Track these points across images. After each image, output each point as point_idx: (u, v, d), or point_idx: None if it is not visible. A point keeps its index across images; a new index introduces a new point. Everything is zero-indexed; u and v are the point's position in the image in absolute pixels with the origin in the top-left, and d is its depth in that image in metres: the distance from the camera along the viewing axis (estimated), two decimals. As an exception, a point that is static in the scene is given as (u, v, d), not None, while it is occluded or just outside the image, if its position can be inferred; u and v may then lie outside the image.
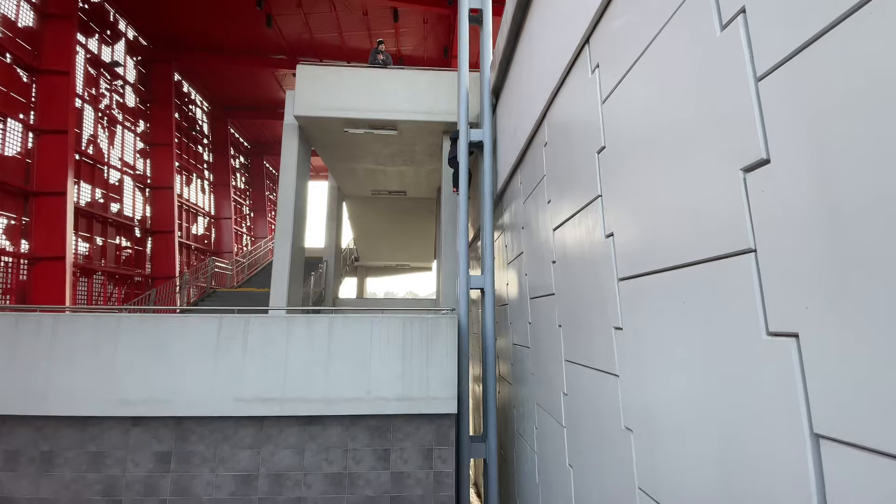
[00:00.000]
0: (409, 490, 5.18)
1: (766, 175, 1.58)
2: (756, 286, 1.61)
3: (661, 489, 2.30)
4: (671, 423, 2.20)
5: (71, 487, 4.96)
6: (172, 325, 5.22)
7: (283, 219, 8.75)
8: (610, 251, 2.90)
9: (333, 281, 13.84)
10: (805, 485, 1.40)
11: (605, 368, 3.03)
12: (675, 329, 2.15)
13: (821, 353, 1.36)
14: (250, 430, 5.14)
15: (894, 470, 1.14)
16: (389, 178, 12.07)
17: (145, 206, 18.39)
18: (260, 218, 28.90)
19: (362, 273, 23.21)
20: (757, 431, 1.62)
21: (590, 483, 3.39)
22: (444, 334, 5.44)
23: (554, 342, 4.28)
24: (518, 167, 6.08)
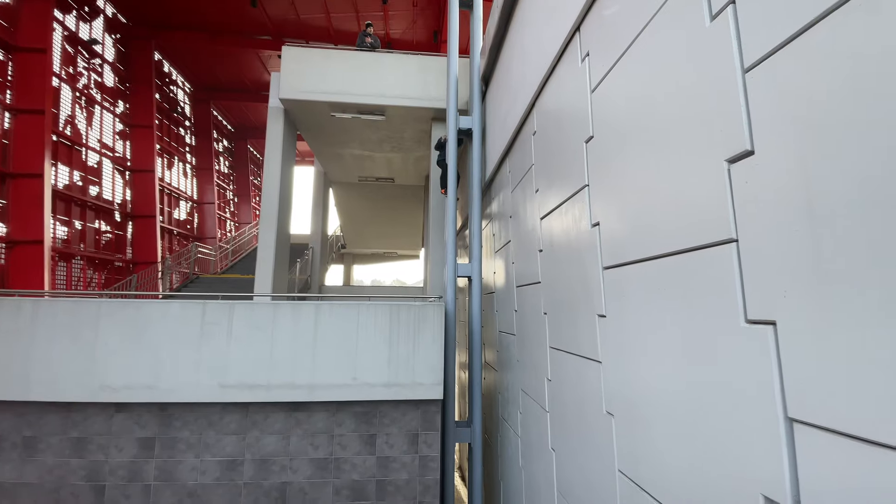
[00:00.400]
0: (395, 474, 5.24)
1: (749, 166, 1.61)
2: (736, 275, 1.65)
3: (640, 471, 2.37)
4: (651, 408, 2.26)
5: (54, 472, 4.90)
6: (154, 310, 5.13)
7: (267, 204, 8.61)
8: (596, 240, 2.93)
9: (320, 268, 13.74)
10: (778, 467, 1.46)
11: (588, 355, 3.09)
12: (657, 317, 2.20)
13: (797, 339, 1.41)
14: (235, 415, 5.13)
15: (865, 453, 1.20)
16: (377, 164, 11.95)
17: (125, 190, 17.90)
18: (244, 203, 28.40)
19: (349, 260, 23.07)
20: (733, 416, 1.68)
21: (571, 466, 3.47)
22: (431, 321, 5.47)
23: (539, 329, 4.34)
24: (507, 156, 6.07)
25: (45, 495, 4.84)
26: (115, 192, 17.18)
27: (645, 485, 2.32)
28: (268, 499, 5.05)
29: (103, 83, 16.94)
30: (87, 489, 4.88)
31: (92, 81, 16.32)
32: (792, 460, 1.43)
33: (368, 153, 11.08)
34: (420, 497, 5.23)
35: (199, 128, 23.97)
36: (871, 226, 1.18)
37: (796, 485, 1.42)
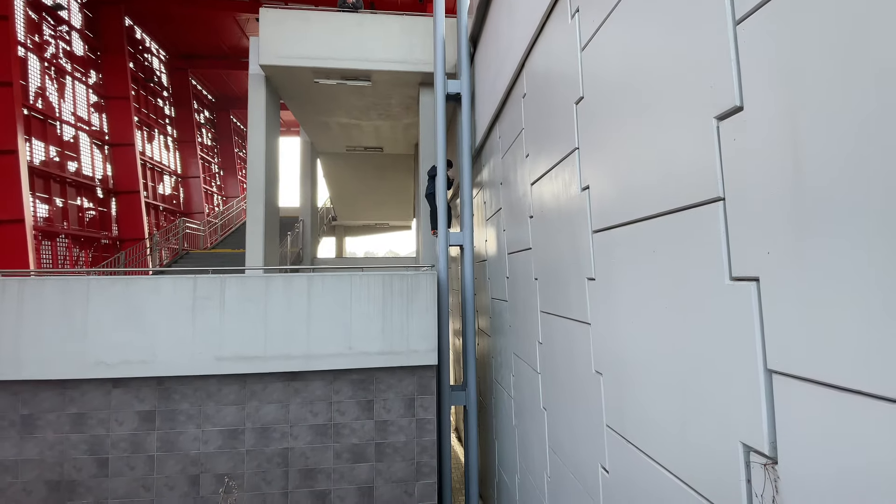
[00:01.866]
0: (393, 437, 5.42)
1: (738, 123, 1.59)
2: (723, 233, 1.66)
3: (627, 425, 2.47)
4: (638, 365, 2.33)
5: (56, 448, 4.99)
6: (145, 286, 5.10)
7: (254, 177, 8.43)
8: (585, 204, 2.93)
9: (311, 241, 13.65)
10: (757, 416, 1.53)
11: (577, 317, 3.15)
12: (645, 277, 2.23)
13: (778, 295, 1.44)
14: (233, 387, 5.21)
15: (839, 400, 1.25)
16: (365, 133, 11.67)
17: (105, 165, 17.38)
18: (230, 176, 27.78)
19: (340, 232, 22.93)
20: (715, 370, 1.73)
21: (562, 423, 3.61)
22: (424, 290, 5.51)
23: (530, 295, 4.40)
24: (497, 120, 5.95)
25: (48, 469, 4.94)
26: (94, 168, 16.67)
27: (631, 437, 2.42)
28: (270, 464, 5.22)
29: (73, 52, 16.09)
30: (91, 462, 4.99)
31: (60, 50, 15.50)
32: (770, 409, 1.49)
33: (355, 121, 10.80)
34: (418, 457, 5.43)
35: (178, 98, 23.08)
36: (857, 182, 1.18)
37: (773, 431, 1.49)
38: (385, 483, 5.36)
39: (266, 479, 5.20)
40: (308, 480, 5.26)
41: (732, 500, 1.66)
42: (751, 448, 1.58)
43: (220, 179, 27.37)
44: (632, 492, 2.44)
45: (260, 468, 5.20)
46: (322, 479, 5.29)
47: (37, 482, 4.92)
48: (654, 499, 2.20)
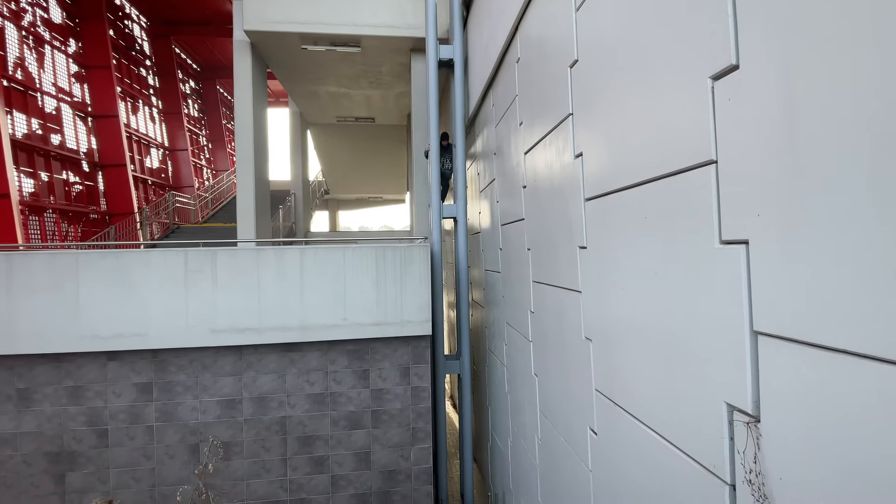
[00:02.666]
0: (389, 404, 5.53)
1: (733, 82, 1.55)
2: (714, 196, 1.65)
3: (615, 389, 2.52)
4: (627, 330, 2.36)
5: (53, 420, 5.05)
6: (135, 260, 5.05)
7: (242, 149, 8.23)
8: (578, 172, 2.89)
9: (303, 214, 13.51)
10: (742, 376, 1.55)
11: (569, 286, 3.16)
12: (636, 245, 2.23)
13: (767, 257, 1.44)
14: (229, 358, 5.25)
15: (820, 358, 1.27)
16: (355, 102, 11.37)
17: (90, 138, 16.90)
18: (219, 149, 27.17)
19: (333, 206, 22.70)
20: (702, 333, 1.75)
21: (552, 388, 3.69)
22: (418, 262, 5.50)
23: (523, 265, 4.41)
24: (490, 88, 5.81)
25: (47, 442, 5.02)
26: (79, 141, 16.21)
27: (619, 400, 2.47)
28: (269, 432, 5.33)
29: (50, 20, 15.36)
30: (90, 433, 5.06)
31: (38, 18, 14.77)
32: (755, 370, 1.52)
33: (345, 90, 10.50)
34: (413, 423, 5.57)
35: (162, 67, 22.26)
36: (851, 145, 1.16)
37: (757, 391, 1.52)
38: (381, 448, 5.51)
39: (265, 446, 5.32)
40: (306, 447, 5.40)
41: (715, 457, 1.72)
42: (735, 408, 1.61)
43: (208, 152, 26.78)
44: (619, 452, 2.52)
45: (259, 436, 5.31)
46: (320, 445, 5.42)
47: (36, 454, 5.00)
48: (640, 458, 2.27)
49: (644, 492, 2.26)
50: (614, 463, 2.58)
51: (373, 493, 5.49)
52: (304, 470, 5.39)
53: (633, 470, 2.37)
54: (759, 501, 1.50)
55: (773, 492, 1.45)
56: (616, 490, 2.58)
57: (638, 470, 2.31)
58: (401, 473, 5.54)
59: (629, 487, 2.42)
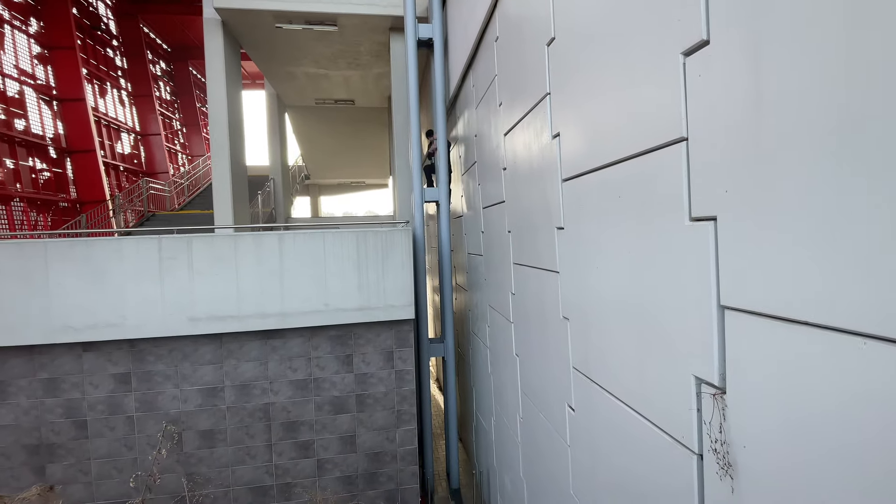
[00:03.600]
0: (373, 388, 5.56)
1: (704, 58, 1.55)
2: (684, 174, 1.66)
3: (591, 366, 2.57)
4: (602, 308, 2.39)
5: (31, 413, 4.94)
6: (107, 248, 4.89)
7: (217, 132, 7.98)
8: (556, 152, 2.89)
9: (284, 200, 13.26)
10: (710, 350, 1.60)
11: (547, 267, 3.19)
12: (611, 223, 2.24)
13: (733, 233, 1.46)
14: (209, 347, 5.18)
15: (784, 330, 1.30)
16: (334, 84, 11.09)
17: (56, 123, 16.18)
18: (194, 133, 26.32)
19: (315, 192, 22.35)
20: (673, 309, 1.79)
21: (533, 368, 3.75)
22: (399, 246, 5.47)
23: (504, 248, 4.43)
24: (470, 68, 5.72)
25: (24, 434, 4.91)
26: (44, 126, 15.50)
27: (594, 377, 2.53)
28: (252, 419, 5.31)
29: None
30: (68, 425, 4.97)
31: (-9, -7, 13.90)
32: (721, 343, 1.56)
33: (323, 71, 10.21)
34: (398, 406, 5.62)
35: (130, 48, 21.28)
36: (817, 120, 1.17)
37: (723, 364, 1.56)
38: (367, 431, 5.56)
39: (249, 433, 5.31)
40: (291, 432, 5.41)
41: (684, 428, 1.77)
42: (702, 380, 1.66)
43: (183, 137, 25.93)
44: (594, 426, 2.59)
45: (242, 423, 5.30)
46: (305, 430, 5.44)
47: (14, 447, 4.90)
48: (614, 430, 2.34)
49: (619, 464, 2.33)
50: (591, 437, 2.66)
51: (359, 475, 5.56)
52: (289, 455, 5.41)
53: (608, 444, 2.44)
54: (724, 469, 1.56)
55: (738, 459, 1.51)
56: (593, 463, 2.66)
57: (613, 443, 2.38)
58: (387, 455, 5.61)
59: (605, 460, 2.49)
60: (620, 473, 2.32)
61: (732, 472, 1.53)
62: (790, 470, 1.30)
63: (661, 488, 1.95)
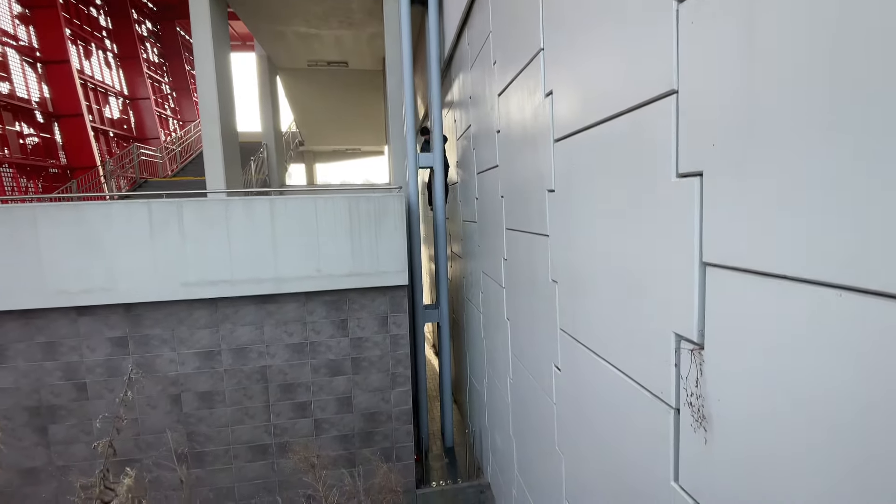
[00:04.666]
0: (368, 351, 5.66)
1: (697, 3, 1.48)
2: (673, 129, 1.62)
3: (577, 327, 2.60)
4: (589, 270, 2.39)
5: (30, 375, 5.02)
6: (97, 213, 4.84)
7: (205, 96, 7.74)
8: (548, 111, 2.81)
9: (277, 167, 13.06)
10: (690, 307, 1.60)
11: (538, 231, 3.18)
12: (600, 183, 2.21)
13: (719, 188, 1.44)
14: (204, 311, 5.22)
15: (764, 285, 1.30)
16: (326, 44, 10.69)
17: (41, 86, 15.69)
18: (185, 98, 25.60)
19: (310, 159, 21.98)
20: (657, 268, 1.78)
21: (523, 331, 3.80)
22: (392, 212, 5.42)
23: (497, 213, 4.39)
24: (465, 26, 5.50)
25: (24, 397, 5.01)
26: (29, 89, 15.04)
27: (580, 338, 2.56)
28: (249, 381, 5.43)
29: (-24, -53, 13.70)
30: (69, 387, 5.07)
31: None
32: (701, 299, 1.57)
33: (315, 31, 9.82)
34: (393, 369, 5.74)
35: (114, 7, 20.37)
36: (809, 67, 1.12)
37: (703, 320, 1.57)
38: (362, 392, 5.70)
39: (247, 394, 5.44)
40: (288, 394, 5.54)
41: (663, 384, 1.81)
42: (682, 337, 1.68)
43: (173, 101, 25.25)
44: (579, 384, 2.65)
45: (240, 385, 5.41)
46: (302, 391, 5.57)
47: (16, 409, 5.01)
48: (597, 388, 2.39)
49: (601, 420, 2.40)
50: (575, 395, 2.72)
51: (356, 434, 5.74)
52: (287, 415, 5.56)
53: (591, 400, 2.50)
54: (699, 422, 1.60)
55: (712, 412, 1.54)
56: (577, 419, 2.73)
57: (596, 400, 2.44)
58: (382, 415, 5.78)
59: (588, 417, 2.56)
60: (602, 428, 2.39)
61: (706, 424, 1.57)
62: (761, 421, 1.33)
63: (640, 441, 2.01)
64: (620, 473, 2.22)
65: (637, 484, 2.06)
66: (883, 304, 0.97)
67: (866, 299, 1.01)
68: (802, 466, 1.20)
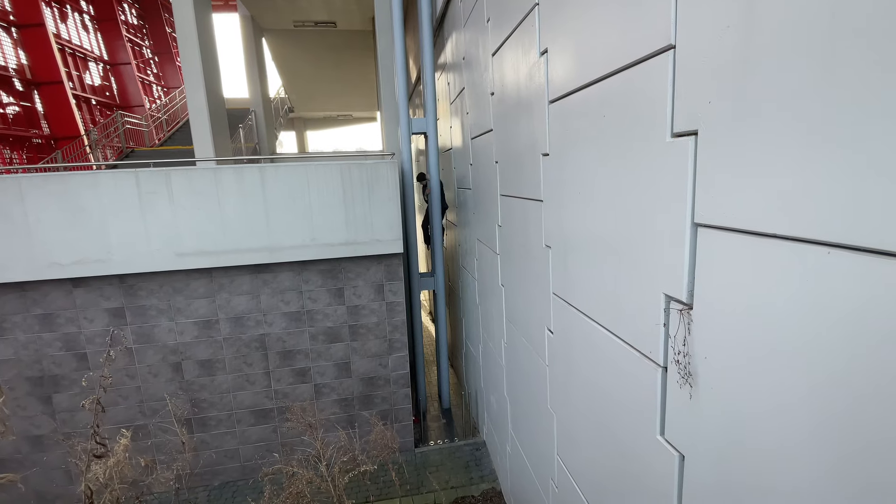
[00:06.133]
0: (365, 318, 5.73)
1: (698, -50, 1.41)
2: (669, 86, 1.58)
3: (570, 291, 2.63)
4: (582, 233, 2.40)
5: (29, 347, 5.06)
6: (83, 183, 4.74)
7: (188, 60, 7.45)
8: (543, 71, 2.73)
9: (267, 135, 12.75)
10: (680, 268, 1.61)
11: (532, 196, 3.15)
12: (594, 145, 2.18)
13: (714, 146, 1.42)
14: (200, 281, 5.23)
15: (756, 244, 1.30)
16: (313, 3, 10.21)
17: (17, 51, 15.02)
18: (168, 63, 24.64)
19: (300, 126, 21.47)
20: (649, 230, 1.78)
21: (517, 296, 3.85)
22: (385, 179, 5.35)
23: (491, 179, 4.34)
24: (457, -19, 5.25)
25: (26, 367, 5.07)
26: (5, 55, 14.41)
27: (573, 301, 2.60)
28: (249, 349, 5.51)
29: None
30: (69, 357, 5.13)
31: None
32: (692, 260, 1.58)
33: (300, -11, 9.37)
34: (390, 335, 5.83)
35: (86, -37, 19.24)
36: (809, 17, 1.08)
37: (692, 281, 1.59)
38: (361, 358, 5.81)
39: (247, 361, 5.53)
40: (287, 360, 5.64)
41: (651, 344, 1.85)
42: (672, 297, 1.70)
43: (156, 67, 24.32)
44: (570, 346, 2.71)
45: (239, 353, 5.49)
46: (300, 358, 5.67)
47: (18, 379, 5.08)
48: (588, 349, 2.45)
49: (591, 379, 2.46)
50: (567, 357, 2.79)
51: (355, 398, 5.90)
52: (287, 381, 5.69)
53: (582, 361, 2.56)
54: (684, 378, 1.64)
55: (698, 369, 1.59)
56: (568, 380, 2.81)
57: (587, 361, 2.50)
58: (380, 379, 5.92)
59: (579, 377, 2.63)
60: (593, 388, 2.46)
61: (692, 380, 1.61)
62: (746, 378, 1.37)
63: (628, 398, 2.07)
64: (609, 429, 2.31)
65: (625, 438, 2.15)
66: (872, 261, 0.98)
67: (855, 256, 1.02)
68: (786, 419, 1.25)
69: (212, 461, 5.67)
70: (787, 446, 1.25)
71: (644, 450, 1.97)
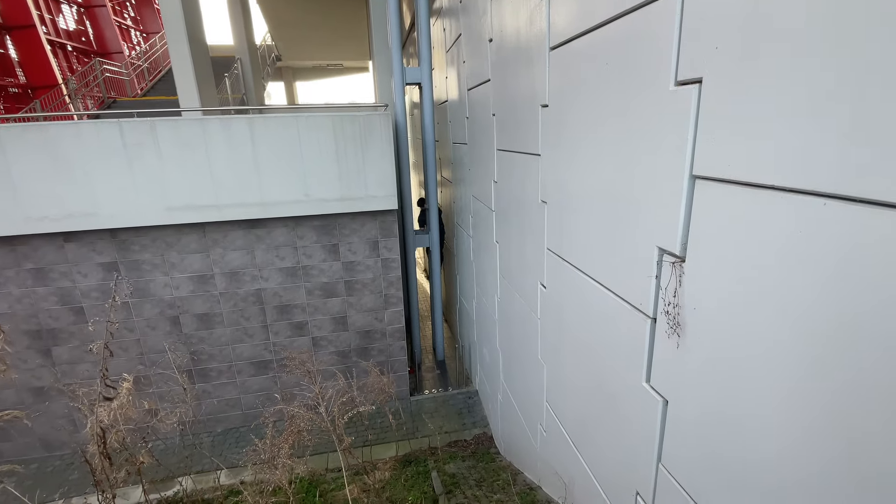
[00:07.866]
0: (361, 274, 5.77)
1: None
2: (676, 29, 1.51)
3: (564, 246, 2.64)
4: (579, 188, 2.37)
5: (24, 301, 5.08)
6: (64, 133, 4.57)
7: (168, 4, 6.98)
8: (545, 13, 2.59)
9: (254, 85, 12.22)
10: (675, 221, 1.61)
11: (529, 150, 3.09)
12: (595, 96, 2.11)
13: (718, 96, 1.38)
14: (193, 236, 5.19)
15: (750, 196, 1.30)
16: (299, -61, 9.47)
17: (-21, -11, 13.96)
18: (146, 5, 23.11)
19: (289, 76, 20.55)
20: (645, 182, 1.77)
21: (511, 252, 3.87)
22: (379, 133, 5.20)
23: (488, 133, 4.24)
24: (453, -86, 4.86)
25: (22, 321, 5.11)
26: (-35, -7, 13.40)
27: (566, 256, 2.61)
28: (245, 303, 5.57)
29: None
30: (66, 311, 5.16)
31: None
32: (687, 213, 1.57)
33: (284, -78, 8.65)
34: (385, 290, 5.90)
35: None
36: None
37: (686, 234, 1.60)
38: (357, 312, 5.91)
39: (244, 315, 5.61)
40: (285, 315, 5.72)
41: (643, 296, 1.88)
42: (665, 251, 1.71)
43: (133, 10, 22.84)
44: (563, 300, 2.76)
45: (236, 307, 5.56)
46: (298, 312, 5.75)
47: (15, 332, 5.13)
48: (580, 303, 2.49)
49: (581, 331, 2.53)
50: (559, 310, 2.84)
51: (352, 350, 6.05)
52: (285, 334, 5.80)
53: (573, 314, 2.62)
54: (673, 328, 1.69)
55: (686, 320, 1.63)
56: (559, 332, 2.89)
57: (578, 314, 2.55)
58: (376, 333, 6.05)
59: (570, 329, 2.70)
60: (582, 339, 2.53)
61: (680, 330, 1.66)
62: (732, 327, 1.41)
63: (617, 348, 2.14)
64: (597, 378, 2.40)
65: (612, 386, 2.24)
66: (866, 211, 0.98)
67: (849, 207, 1.02)
68: (770, 366, 1.30)
69: (214, 409, 5.88)
70: (769, 392, 1.31)
71: (630, 396, 2.06)
